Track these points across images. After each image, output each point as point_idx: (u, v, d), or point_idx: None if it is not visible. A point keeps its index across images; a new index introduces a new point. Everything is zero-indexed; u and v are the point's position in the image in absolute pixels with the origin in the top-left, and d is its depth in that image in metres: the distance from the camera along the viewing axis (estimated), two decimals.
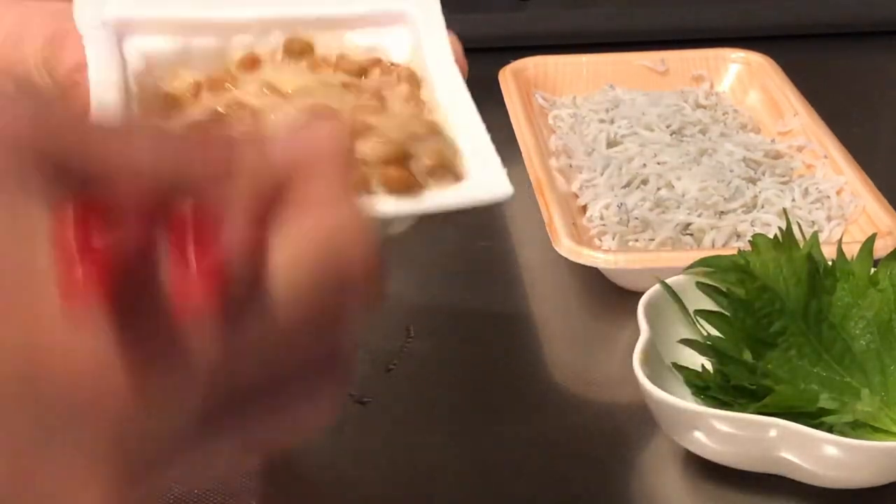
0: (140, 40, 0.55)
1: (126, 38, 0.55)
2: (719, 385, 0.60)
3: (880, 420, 0.58)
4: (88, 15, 0.55)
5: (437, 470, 0.60)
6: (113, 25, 0.55)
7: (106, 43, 0.54)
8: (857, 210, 0.74)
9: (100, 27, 0.54)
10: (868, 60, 1.03)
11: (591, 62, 0.91)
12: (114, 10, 0.55)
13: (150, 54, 0.55)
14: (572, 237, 0.70)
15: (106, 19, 0.55)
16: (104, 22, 0.55)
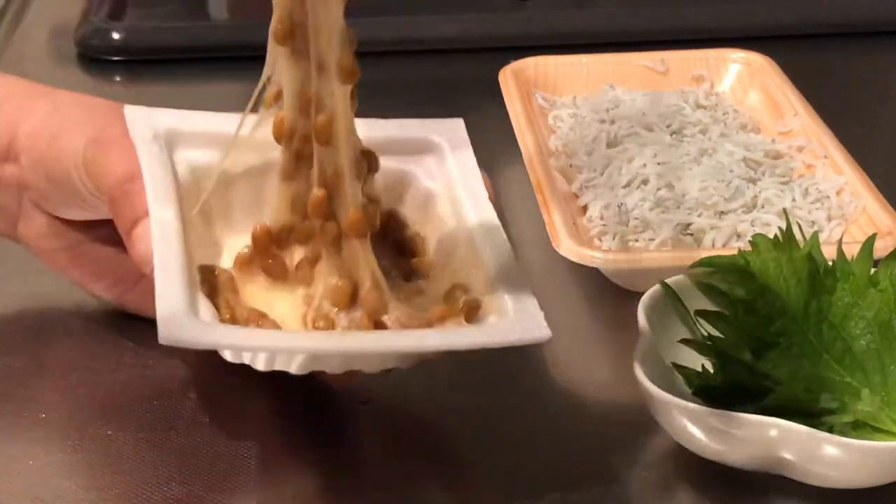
0: (189, 153, 0.56)
1: (176, 149, 0.55)
2: (719, 385, 0.60)
3: (880, 420, 0.58)
4: (141, 125, 0.56)
5: (436, 470, 0.60)
6: (164, 136, 0.55)
7: (159, 155, 0.55)
8: (858, 210, 0.74)
9: (153, 139, 0.55)
10: (868, 60, 1.03)
11: (591, 62, 0.91)
12: (165, 121, 0.56)
13: (197, 167, 0.55)
14: (572, 237, 0.70)
15: (157, 130, 0.55)
16: (156, 135, 0.55)
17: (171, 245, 0.52)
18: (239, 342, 0.52)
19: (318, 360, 0.52)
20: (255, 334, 0.52)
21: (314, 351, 0.51)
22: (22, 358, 0.66)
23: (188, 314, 0.50)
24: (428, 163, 0.59)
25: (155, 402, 0.63)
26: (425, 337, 0.52)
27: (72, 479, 0.58)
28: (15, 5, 1.10)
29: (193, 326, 0.50)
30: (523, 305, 0.53)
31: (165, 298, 0.50)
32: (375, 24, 1.02)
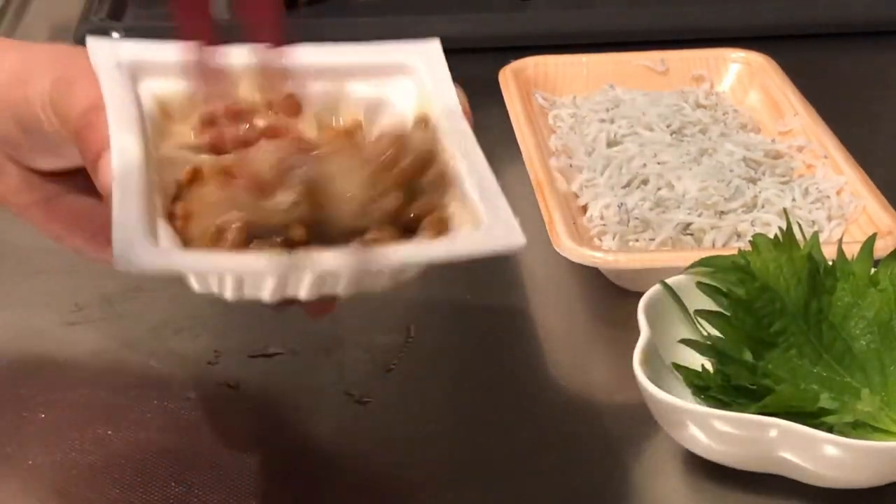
0: (153, 83, 0.55)
1: (140, 80, 0.55)
2: (719, 385, 0.60)
3: (880, 420, 0.58)
4: (103, 56, 0.55)
5: (437, 470, 0.60)
6: (127, 67, 0.55)
7: (122, 84, 0.54)
8: (858, 210, 0.74)
9: (115, 68, 0.54)
10: (868, 60, 1.03)
11: (591, 62, 0.91)
12: (128, 53, 0.55)
13: (163, 97, 0.55)
14: (572, 237, 0.70)
15: (121, 61, 0.55)
16: (119, 63, 0.54)
17: (130, 171, 0.51)
18: (199, 266, 0.50)
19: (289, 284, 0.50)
20: (218, 258, 0.50)
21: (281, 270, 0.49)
22: (22, 358, 0.66)
23: (145, 240, 0.48)
24: (403, 85, 0.58)
25: (155, 402, 0.63)
26: (397, 251, 0.51)
27: (72, 479, 0.58)
28: (15, 5, 1.10)
29: (150, 252, 0.48)
30: (497, 214, 0.51)
31: (121, 224, 0.48)
32: (375, 24, 1.02)
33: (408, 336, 0.68)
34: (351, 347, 0.67)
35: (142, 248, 0.48)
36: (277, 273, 0.49)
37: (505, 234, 0.51)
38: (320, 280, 0.50)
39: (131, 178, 0.50)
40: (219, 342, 0.66)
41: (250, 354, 0.66)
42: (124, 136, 0.52)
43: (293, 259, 0.49)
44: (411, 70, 0.58)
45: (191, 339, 0.67)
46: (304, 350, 0.66)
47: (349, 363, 0.66)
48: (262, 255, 0.49)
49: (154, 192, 0.51)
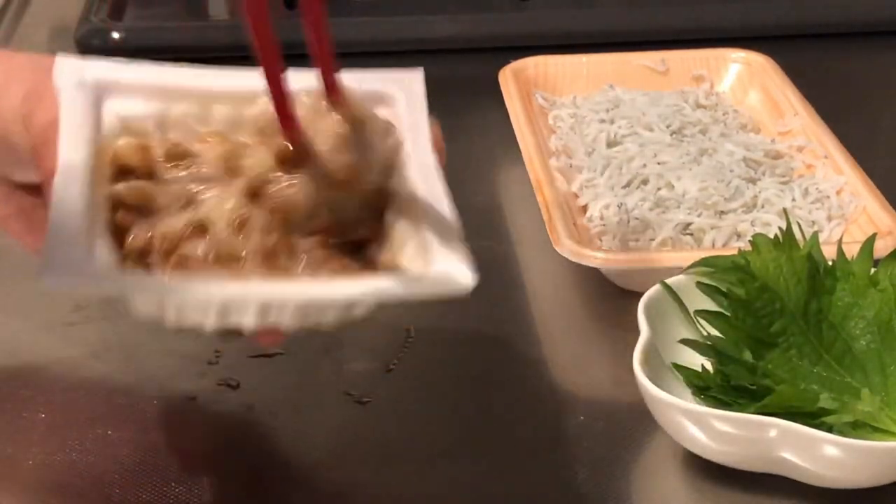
0: (118, 103, 0.55)
1: (105, 99, 0.55)
2: (719, 385, 0.60)
3: (880, 420, 0.58)
4: (67, 74, 0.55)
5: (436, 470, 0.60)
6: (91, 86, 0.54)
7: (82, 103, 0.54)
8: (857, 210, 0.74)
9: (77, 87, 0.54)
10: (868, 60, 1.03)
11: (591, 62, 0.91)
12: (95, 72, 0.55)
13: (127, 117, 0.54)
14: (572, 237, 0.70)
15: (84, 79, 0.54)
16: (81, 82, 0.54)
17: (70, 188, 0.50)
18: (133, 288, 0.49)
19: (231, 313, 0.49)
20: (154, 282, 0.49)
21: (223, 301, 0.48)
22: (22, 358, 0.67)
23: (78, 259, 0.47)
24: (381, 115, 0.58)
25: (155, 402, 0.63)
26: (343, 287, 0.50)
27: (72, 479, 0.58)
28: (15, 5, 1.10)
29: (80, 272, 0.47)
30: (450, 254, 0.51)
31: (54, 242, 0.48)
32: (376, 24, 1.02)
33: (408, 336, 0.68)
34: (351, 347, 0.67)
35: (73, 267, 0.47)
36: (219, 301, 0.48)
37: (454, 276, 0.50)
38: (264, 310, 0.49)
39: (70, 192, 0.50)
40: (219, 342, 0.66)
41: (250, 354, 0.66)
42: (71, 154, 0.51)
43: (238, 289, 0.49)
44: (390, 100, 0.58)
45: (191, 339, 0.67)
46: (304, 350, 0.66)
47: (349, 363, 0.66)
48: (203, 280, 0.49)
49: (97, 210, 0.50)
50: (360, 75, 0.58)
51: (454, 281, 0.50)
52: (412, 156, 0.55)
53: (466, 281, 0.50)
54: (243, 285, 0.49)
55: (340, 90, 0.53)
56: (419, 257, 0.52)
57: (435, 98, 0.57)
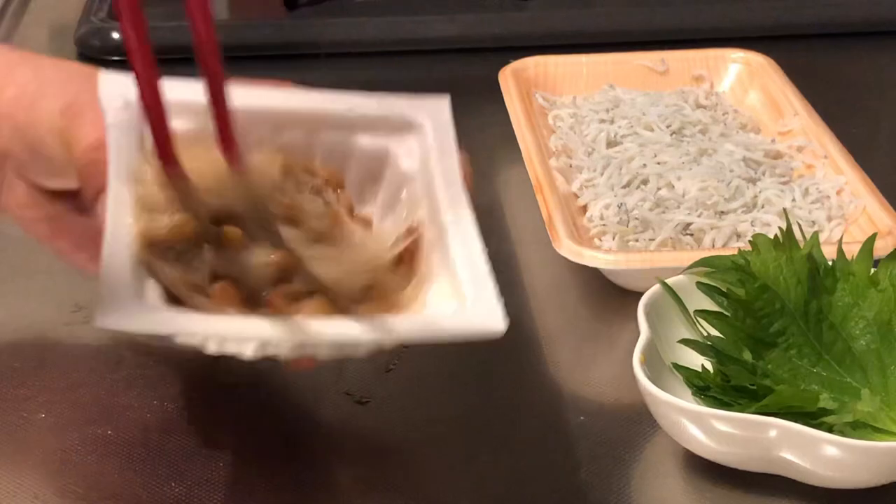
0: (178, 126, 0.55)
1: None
2: (719, 385, 0.60)
3: (880, 420, 0.58)
4: (112, 93, 0.54)
5: (436, 470, 0.60)
6: (136, 107, 0.54)
7: (127, 125, 0.53)
8: (857, 210, 0.74)
9: (123, 108, 0.54)
10: (868, 60, 1.03)
11: (591, 62, 0.91)
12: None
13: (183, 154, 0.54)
14: (572, 237, 0.70)
15: (129, 99, 0.53)
16: (127, 102, 0.54)
17: (121, 223, 0.50)
18: (182, 328, 0.49)
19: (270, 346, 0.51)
20: (201, 320, 0.50)
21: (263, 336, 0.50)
22: (22, 358, 0.67)
23: (131, 298, 0.48)
24: (408, 142, 0.58)
25: (155, 402, 0.63)
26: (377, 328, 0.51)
27: (72, 479, 0.58)
28: (15, 5, 1.10)
29: (134, 311, 0.48)
30: (482, 294, 0.51)
31: (109, 281, 0.48)
32: (375, 24, 1.02)
33: None
34: None
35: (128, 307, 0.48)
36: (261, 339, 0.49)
37: (486, 317, 0.50)
38: (300, 347, 0.50)
39: (122, 228, 0.50)
40: None
41: None
42: (121, 183, 0.51)
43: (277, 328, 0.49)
44: (417, 128, 0.58)
45: None
46: None
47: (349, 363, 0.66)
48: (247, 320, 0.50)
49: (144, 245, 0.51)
50: (385, 100, 0.58)
51: (486, 325, 0.50)
52: (442, 188, 0.55)
53: (498, 326, 0.50)
54: (280, 326, 0.50)
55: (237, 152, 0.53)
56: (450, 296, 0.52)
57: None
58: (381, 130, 0.58)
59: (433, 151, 0.57)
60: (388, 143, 0.58)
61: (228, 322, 0.50)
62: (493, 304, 0.51)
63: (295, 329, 0.50)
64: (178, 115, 0.53)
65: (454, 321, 0.51)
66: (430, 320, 0.52)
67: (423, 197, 0.57)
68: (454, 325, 0.51)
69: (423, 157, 0.57)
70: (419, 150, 0.58)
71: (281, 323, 0.50)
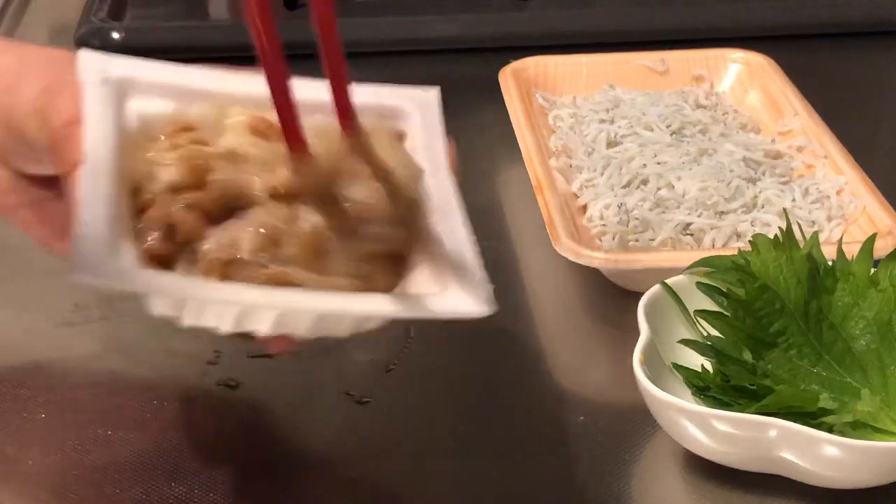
0: (141, 102, 0.54)
1: (128, 97, 0.55)
2: (719, 385, 0.60)
3: (880, 420, 0.58)
4: (92, 70, 0.54)
5: (436, 470, 0.60)
6: (115, 83, 0.54)
7: (106, 101, 0.53)
8: (857, 210, 0.74)
9: (102, 84, 0.54)
10: (868, 60, 1.03)
11: (591, 62, 0.91)
12: (119, 69, 0.55)
13: (147, 116, 0.54)
14: (572, 237, 0.70)
15: (108, 76, 0.54)
16: (106, 79, 0.54)
17: (98, 186, 0.50)
18: (157, 287, 0.49)
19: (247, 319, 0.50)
20: (178, 281, 0.49)
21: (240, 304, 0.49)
22: (22, 358, 0.67)
23: (106, 256, 0.48)
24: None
25: (155, 402, 0.63)
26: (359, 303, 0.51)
27: (72, 479, 0.58)
28: (15, 5, 1.10)
29: (108, 268, 0.48)
30: (469, 276, 0.51)
31: (83, 238, 0.48)
32: (375, 24, 1.02)
33: (408, 336, 0.68)
34: (351, 347, 0.67)
35: (102, 263, 0.48)
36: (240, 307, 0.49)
37: (471, 298, 0.51)
38: (280, 320, 0.50)
39: (97, 188, 0.50)
40: (219, 342, 0.66)
41: (250, 354, 0.66)
42: (98, 153, 0.51)
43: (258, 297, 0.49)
44: (405, 117, 0.58)
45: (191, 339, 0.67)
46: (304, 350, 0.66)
47: (349, 363, 0.66)
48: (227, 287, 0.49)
49: (122, 210, 0.50)
50: (374, 89, 0.57)
51: (470, 306, 0.50)
52: (430, 176, 0.55)
53: (483, 306, 0.50)
54: (262, 294, 0.49)
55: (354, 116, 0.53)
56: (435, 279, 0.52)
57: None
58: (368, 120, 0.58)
59: (420, 140, 0.57)
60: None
61: (205, 287, 0.49)
62: (479, 285, 0.51)
63: (275, 298, 0.49)
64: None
65: (439, 300, 0.51)
66: (414, 299, 0.51)
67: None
68: (439, 304, 0.51)
69: (411, 147, 0.57)
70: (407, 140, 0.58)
71: (261, 292, 0.49)
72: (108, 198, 0.50)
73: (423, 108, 0.58)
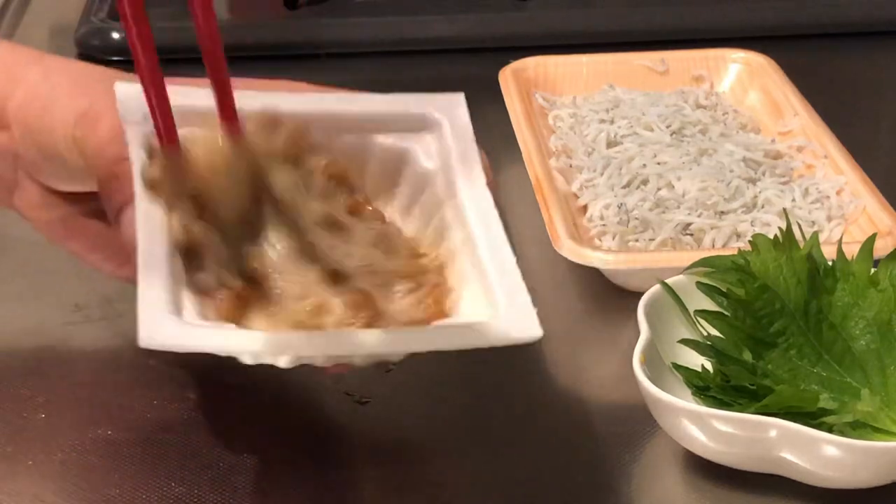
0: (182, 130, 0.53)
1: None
2: (719, 385, 0.60)
3: (880, 420, 0.58)
4: (131, 106, 0.53)
5: (436, 470, 0.60)
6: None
7: (149, 137, 0.53)
8: (857, 210, 0.74)
9: (143, 120, 0.53)
10: (868, 60, 1.03)
11: (591, 62, 0.91)
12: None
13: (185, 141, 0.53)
14: (572, 237, 0.70)
15: (147, 112, 0.52)
16: (146, 115, 0.52)
17: (155, 240, 0.50)
18: (223, 345, 0.49)
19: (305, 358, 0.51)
20: (240, 336, 0.50)
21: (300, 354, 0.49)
22: (22, 358, 0.67)
23: (170, 316, 0.48)
24: (427, 141, 0.57)
25: (155, 402, 0.63)
26: (413, 338, 0.51)
27: (72, 479, 0.58)
28: (15, 5, 1.10)
29: (175, 329, 0.48)
30: (514, 298, 0.50)
31: (147, 300, 0.48)
32: (375, 24, 1.02)
33: None
34: None
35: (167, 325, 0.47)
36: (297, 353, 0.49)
37: (521, 323, 0.50)
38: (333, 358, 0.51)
39: (155, 246, 0.50)
40: None
41: None
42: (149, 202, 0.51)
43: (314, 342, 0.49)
44: (435, 125, 0.57)
45: None
46: None
47: None
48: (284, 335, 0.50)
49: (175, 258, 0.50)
50: (400, 98, 0.57)
51: (522, 332, 0.50)
52: (465, 189, 0.55)
53: (534, 332, 0.49)
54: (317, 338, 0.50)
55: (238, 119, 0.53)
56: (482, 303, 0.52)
57: None
58: (397, 130, 0.57)
59: (453, 150, 0.56)
60: (406, 141, 0.57)
61: (265, 338, 0.49)
62: (527, 309, 0.50)
63: (329, 343, 0.49)
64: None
65: (489, 328, 0.50)
66: (464, 328, 0.51)
67: (446, 198, 0.56)
68: (489, 332, 0.50)
69: (443, 157, 0.56)
70: (438, 149, 0.57)
71: (315, 337, 0.50)
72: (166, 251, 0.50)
73: (452, 118, 0.57)
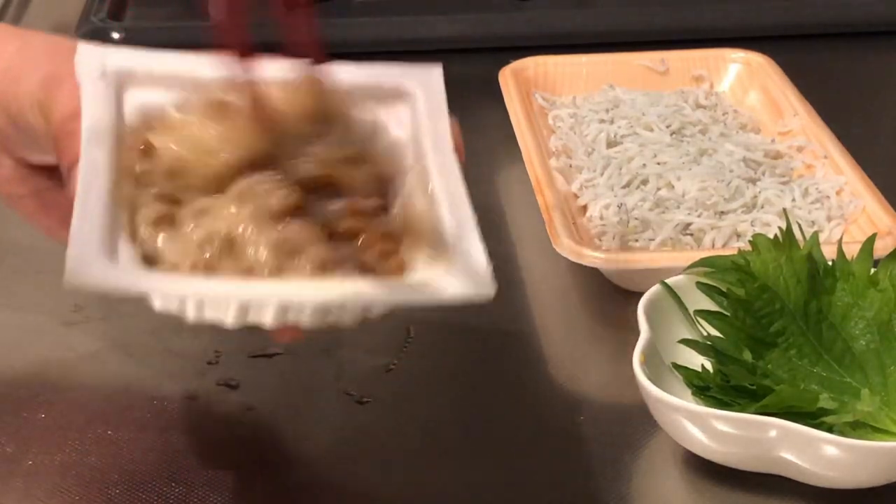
0: (140, 93, 0.54)
1: (127, 89, 0.54)
2: (719, 385, 0.60)
3: (880, 420, 0.58)
4: (90, 64, 0.54)
5: (437, 470, 0.60)
6: (113, 76, 0.54)
7: (104, 94, 0.53)
8: (857, 210, 0.74)
9: (100, 78, 0.53)
10: (868, 60, 1.03)
11: (591, 62, 0.91)
12: (116, 60, 0.55)
13: (147, 107, 0.54)
14: (572, 237, 0.70)
15: (106, 69, 0.54)
16: (104, 72, 0.53)
17: (94, 185, 0.50)
18: (155, 287, 0.49)
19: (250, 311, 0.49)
20: (176, 280, 0.49)
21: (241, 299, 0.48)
22: (22, 358, 0.67)
23: (102, 257, 0.47)
24: (399, 111, 0.57)
25: (155, 402, 0.63)
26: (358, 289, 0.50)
27: (72, 479, 0.58)
28: (15, 5, 1.10)
29: (106, 270, 0.47)
30: (470, 259, 0.51)
31: (78, 240, 0.47)
32: (376, 24, 1.02)
33: (408, 336, 0.68)
34: (351, 347, 0.67)
35: (97, 265, 0.47)
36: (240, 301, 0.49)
37: (474, 281, 0.50)
38: (282, 310, 0.49)
39: (93, 190, 0.50)
40: (219, 342, 0.66)
41: (250, 354, 0.66)
42: (95, 149, 0.51)
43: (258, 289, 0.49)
44: (409, 96, 0.57)
45: (191, 339, 0.67)
46: (304, 350, 0.66)
47: (349, 363, 0.66)
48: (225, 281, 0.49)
49: (119, 208, 0.50)
50: (377, 69, 0.57)
51: (474, 290, 0.50)
52: (433, 156, 0.55)
53: (486, 288, 0.50)
54: (262, 286, 0.49)
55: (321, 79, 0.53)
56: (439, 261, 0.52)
57: None
58: (371, 100, 0.58)
59: (424, 120, 0.56)
60: (380, 111, 0.57)
61: (206, 283, 0.49)
62: (482, 268, 0.50)
63: (276, 290, 0.49)
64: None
65: (442, 285, 0.50)
66: (416, 285, 0.51)
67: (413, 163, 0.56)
68: (442, 289, 0.50)
69: (414, 126, 0.57)
70: (410, 120, 0.57)
71: (262, 285, 0.49)
72: (104, 196, 0.50)
73: (426, 87, 0.57)
